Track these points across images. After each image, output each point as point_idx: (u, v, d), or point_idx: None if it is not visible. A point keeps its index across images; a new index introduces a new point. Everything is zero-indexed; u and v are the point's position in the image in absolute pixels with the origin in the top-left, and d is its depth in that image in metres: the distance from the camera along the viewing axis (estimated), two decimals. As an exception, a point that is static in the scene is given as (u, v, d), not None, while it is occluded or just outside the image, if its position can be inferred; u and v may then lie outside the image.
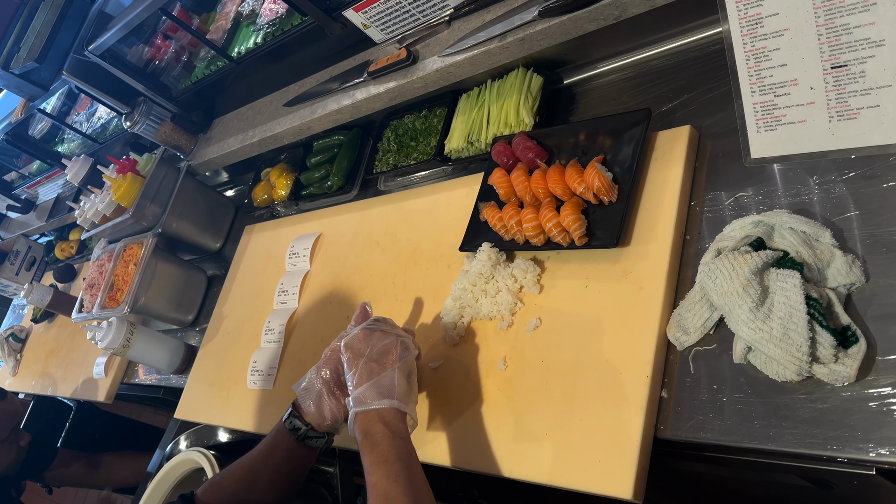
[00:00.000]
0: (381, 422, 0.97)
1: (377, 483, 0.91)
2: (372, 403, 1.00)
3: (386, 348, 1.07)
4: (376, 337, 1.08)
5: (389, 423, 0.97)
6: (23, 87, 2.16)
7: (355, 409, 1.00)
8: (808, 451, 0.82)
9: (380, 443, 0.95)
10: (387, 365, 1.05)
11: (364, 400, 1.00)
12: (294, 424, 1.14)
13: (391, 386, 1.02)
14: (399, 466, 0.92)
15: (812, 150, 0.93)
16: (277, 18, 1.67)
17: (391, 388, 1.02)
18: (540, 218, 1.14)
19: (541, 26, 1.22)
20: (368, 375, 1.03)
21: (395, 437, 0.96)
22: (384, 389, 1.01)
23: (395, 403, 1.00)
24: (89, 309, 2.03)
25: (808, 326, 0.80)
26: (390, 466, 0.91)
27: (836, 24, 0.86)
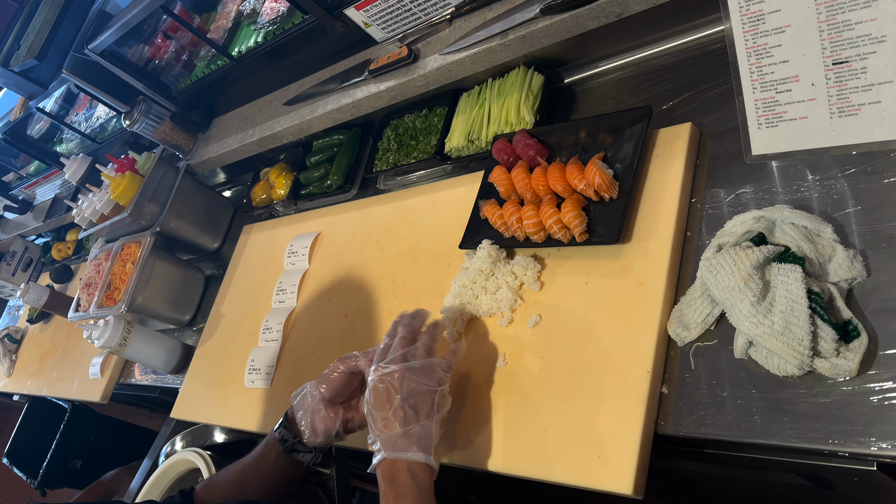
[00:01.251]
0: (410, 473, 0.94)
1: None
2: (405, 453, 0.95)
3: (425, 397, 1.00)
4: (415, 380, 1.01)
5: (417, 477, 0.94)
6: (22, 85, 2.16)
7: (385, 454, 0.96)
8: (809, 445, 0.81)
9: (406, 496, 0.92)
10: (422, 414, 0.99)
11: (396, 447, 0.96)
12: (283, 435, 1.13)
13: (427, 438, 0.97)
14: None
15: (813, 147, 0.93)
16: (278, 17, 1.67)
17: (427, 440, 0.97)
18: (540, 215, 1.14)
19: (542, 24, 1.22)
20: (403, 421, 0.97)
21: (421, 493, 0.92)
22: (419, 441, 0.96)
23: (430, 459, 0.96)
24: (86, 308, 2.02)
25: (809, 320, 0.80)
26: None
27: (837, 20, 0.86)
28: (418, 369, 1.02)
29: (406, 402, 0.98)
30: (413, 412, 0.98)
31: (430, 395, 1.01)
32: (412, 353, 1.04)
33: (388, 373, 1.01)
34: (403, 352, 1.04)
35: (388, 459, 0.96)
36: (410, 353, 1.04)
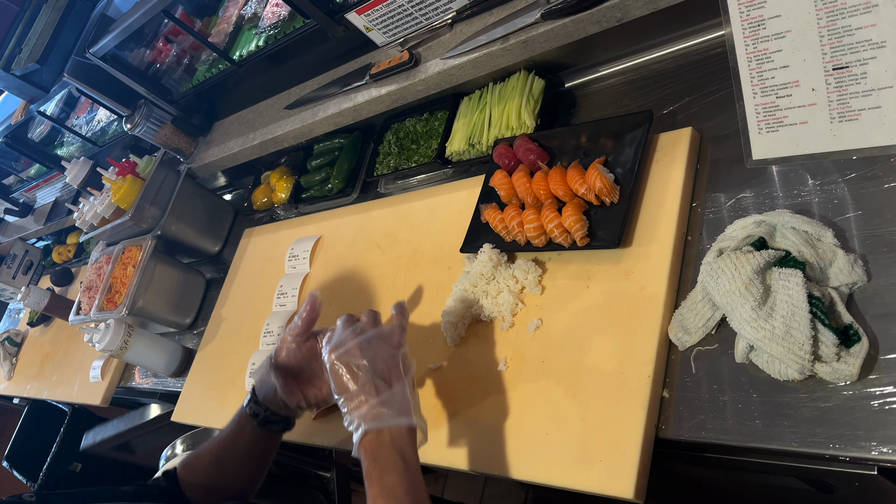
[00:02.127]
0: (394, 447, 0.90)
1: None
2: (387, 420, 0.92)
3: (389, 363, 0.98)
4: (374, 348, 0.99)
5: (402, 450, 0.90)
6: (24, 88, 2.16)
7: (366, 426, 0.92)
8: (809, 450, 0.81)
9: (390, 472, 0.88)
10: (393, 380, 0.96)
11: (377, 417, 0.92)
12: (253, 409, 1.13)
13: (405, 401, 0.94)
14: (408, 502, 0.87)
15: (813, 152, 0.93)
16: (279, 21, 1.68)
17: (405, 403, 0.94)
18: (541, 219, 1.15)
19: (543, 29, 1.23)
20: (377, 393, 0.94)
21: (407, 467, 0.89)
22: (398, 406, 0.93)
23: (413, 421, 0.93)
24: (87, 311, 2.02)
25: (810, 325, 0.80)
26: (400, 501, 0.86)
27: (837, 25, 0.87)
28: (373, 338, 1.00)
29: (373, 374, 0.96)
30: (382, 382, 0.95)
31: (393, 359, 0.98)
32: (360, 328, 1.01)
33: (345, 350, 0.98)
34: (351, 328, 1.01)
35: (371, 433, 0.92)
36: (358, 328, 1.01)
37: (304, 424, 1.39)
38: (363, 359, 0.97)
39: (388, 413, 0.93)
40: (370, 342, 0.99)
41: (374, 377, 0.95)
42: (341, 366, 0.97)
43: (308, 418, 1.38)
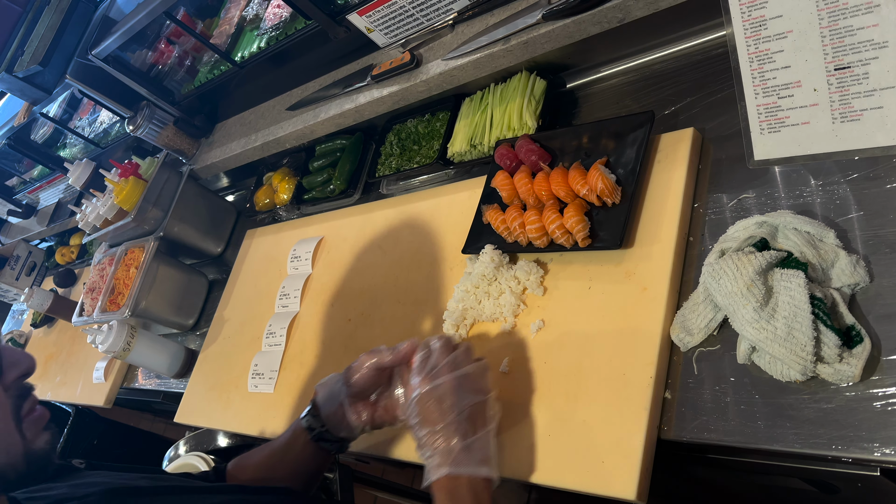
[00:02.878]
0: (471, 490, 0.90)
1: None
2: (467, 468, 0.91)
3: (478, 407, 0.96)
4: (466, 390, 0.96)
5: (479, 495, 0.90)
6: (26, 90, 2.17)
7: (447, 471, 0.91)
8: (812, 451, 0.81)
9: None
10: (478, 426, 0.94)
11: (458, 462, 0.91)
12: (310, 423, 1.11)
13: (487, 451, 0.93)
14: None
15: (815, 152, 0.93)
16: (281, 23, 1.68)
17: (487, 453, 0.93)
18: (543, 220, 1.15)
19: (544, 29, 1.23)
20: (462, 436, 0.92)
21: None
22: (480, 455, 0.92)
23: (493, 474, 0.92)
24: (90, 312, 2.03)
25: (812, 326, 0.80)
26: None
27: (839, 26, 0.86)
28: (470, 376, 0.97)
29: (461, 415, 0.94)
30: (470, 425, 0.94)
31: (482, 404, 0.97)
32: (456, 361, 0.99)
33: (439, 384, 0.96)
34: (450, 359, 0.99)
35: (448, 476, 0.91)
36: (454, 362, 0.98)
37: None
38: (455, 396, 0.95)
39: (469, 460, 0.91)
40: (465, 380, 0.97)
41: (462, 419, 0.93)
42: (432, 399, 0.95)
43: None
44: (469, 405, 0.95)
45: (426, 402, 0.95)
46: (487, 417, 0.96)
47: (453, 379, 0.96)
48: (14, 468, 0.74)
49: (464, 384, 0.96)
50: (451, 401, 0.94)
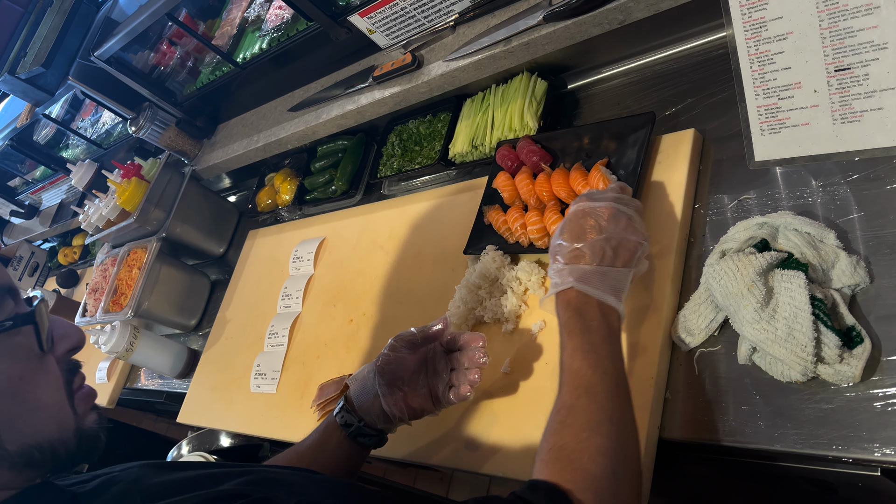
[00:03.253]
0: (600, 310, 0.85)
1: (580, 370, 0.79)
2: (596, 290, 0.86)
3: (629, 244, 0.90)
4: (623, 225, 0.91)
5: (608, 317, 0.85)
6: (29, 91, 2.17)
7: (575, 284, 0.86)
8: (812, 451, 0.82)
9: (594, 330, 0.83)
10: (620, 260, 0.89)
11: (589, 282, 0.86)
12: (346, 420, 1.04)
13: (621, 285, 0.88)
14: (609, 364, 0.80)
15: (816, 153, 0.93)
16: (283, 24, 1.68)
17: (621, 287, 0.88)
18: (544, 220, 1.15)
19: (545, 31, 1.23)
20: (601, 258, 0.88)
21: (611, 333, 0.84)
22: (615, 284, 0.87)
23: (620, 307, 0.87)
24: (93, 313, 2.04)
25: (812, 327, 0.80)
26: (601, 360, 0.80)
27: (839, 27, 0.87)
28: (629, 215, 0.92)
29: (608, 242, 0.89)
30: (612, 254, 0.89)
31: (635, 244, 0.91)
32: (626, 201, 0.95)
33: (597, 206, 0.92)
34: (616, 195, 0.95)
35: (576, 290, 0.86)
36: (624, 200, 0.94)
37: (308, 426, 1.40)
38: (610, 223, 0.91)
39: (601, 284, 0.87)
40: (623, 216, 0.92)
41: (608, 246, 0.89)
42: (586, 217, 0.92)
43: (313, 420, 1.38)
44: (621, 238, 0.90)
45: (579, 218, 0.92)
46: (634, 259, 0.91)
47: (614, 208, 0.92)
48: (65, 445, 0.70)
49: (622, 218, 0.92)
50: (604, 225, 0.90)
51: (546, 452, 0.75)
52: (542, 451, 0.76)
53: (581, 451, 0.73)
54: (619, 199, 0.94)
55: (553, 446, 0.75)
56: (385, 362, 1.04)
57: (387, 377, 1.03)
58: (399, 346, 1.04)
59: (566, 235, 0.91)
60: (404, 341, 1.04)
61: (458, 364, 1.04)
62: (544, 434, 0.78)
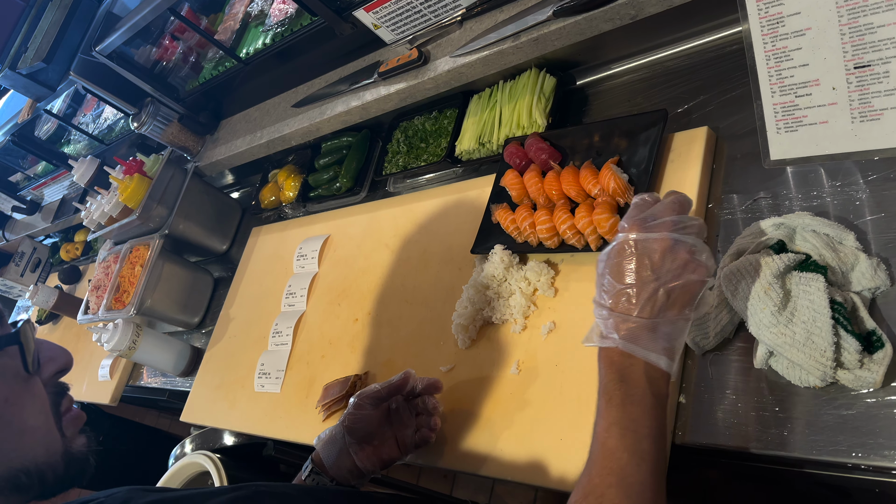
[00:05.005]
0: (646, 376, 0.73)
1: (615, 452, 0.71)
2: (645, 351, 0.74)
3: (689, 287, 0.75)
4: (682, 260, 0.75)
5: (654, 383, 0.73)
6: (30, 87, 2.16)
7: (620, 345, 0.74)
8: (831, 458, 0.80)
9: (637, 402, 0.72)
10: (678, 306, 0.74)
11: (636, 339, 0.74)
12: (318, 482, 1.06)
13: (677, 342, 0.75)
14: (649, 446, 0.71)
15: (834, 152, 0.91)
16: (286, 19, 1.66)
17: (674, 343, 0.75)
18: (554, 220, 1.13)
19: (555, 26, 1.21)
20: (652, 309, 0.74)
21: (656, 404, 0.73)
22: (668, 340, 0.74)
23: (673, 368, 0.75)
24: (95, 310, 2.02)
25: (832, 331, 0.78)
26: (640, 441, 0.70)
27: (859, 23, 0.85)
28: (690, 247, 0.75)
29: (662, 284, 0.74)
30: (666, 299, 0.74)
31: (697, 285, 0.75)
32: (685, 225, 0.77)
33: (653, 237, 0.75)
34: (676, 218, 0.77)
35: (620, 350, 0.75)
36: (683, 225, 0.76)
37: (313, 427, 1.38)
38: (665, 260, 0.75)
39: (650, 341, 0.74)
40: (683, 248, 0.75)
41: (662, 290, 0.74)
42: (635, 251, 0.76)
43: (318, 420, 1.37)
44: (677, 278, 0.74)
45: (626, 251, 0.76)
46: (693, 304, 0.75)
47: (671, 238, 0.75)
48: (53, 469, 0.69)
49: (681, 252, 0.75)
50: (659, 262, 0.75)
51: None
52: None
53: None
54: (677, 225, 0.76)
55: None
56: (352, 421, 1.06)
57: (356, 435, 1.06)
58: (364, 404, 1.06)
59: (607, 271, 0.78)
60: (369, 398, 1.07)
61: (423, 408, 1.11)
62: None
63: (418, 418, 1.11)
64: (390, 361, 1.34)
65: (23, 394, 0.68)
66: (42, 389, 0.71)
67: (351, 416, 1.06)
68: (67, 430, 0.73)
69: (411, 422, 1.11)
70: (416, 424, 1.11)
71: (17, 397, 0.67)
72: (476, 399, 1.14)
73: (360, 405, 1.06)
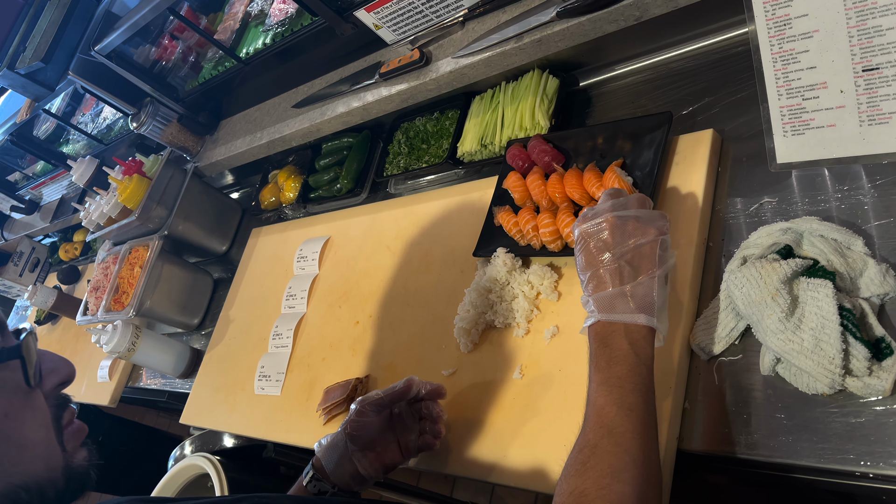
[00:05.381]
0: (627, 339, 0.81)
1: (604, 408, 0.77)
2: (622, 315, 0.82)
3: (643, 250, 0.84)
4: (630, 230, 0.85)
5: (636, 343, 0.80)
6: (28, 87, 2.14)
7: (599, 317, 0.83)
8: (840, 467, 0.79)
9: (620, 362, 0.79)
10: (642, 269, 0.83)
11: (613, 307, 0.82)
12: (320, 488, 1.06)
13: (648, 298, 0.82)
14: (635, 399, 0.77)
15: (841, 156, 0.91)
16: (287, 18, 1.65)
17: (648, 301, 0.82)
18: (557, 223, 1.12)
19: (559, 27, 1.20)
20: (620, 279, 0.83)
21: (639, 362, 0.79)
22: (639, 301, 0.82)
23: (652, 322, 0.81)
24: (94, 312, 2.01)
25: (840, 338, 0.77)
26: (626, 396, 0.77)
27: (867, 25, 0.84)
28: (631, 218, 0.86)
29: (621, 256, 0.84)
30: (630, 268, 0.83)
31: (649, 245, 0.84)
32: (622, 203, 0.88)
33: (595, 224, 0.87)
34: (612, 202, 0.88)
35: (601, 322, 0.83)
36: (620, 204, 0.88)
37: (314, 430, 1.37)
38: (615, 236, 0.85)
39: (625, 306, 0.82)
40: (627, 221, 0.86)
41: (624, 261, 0.84)
42: (588, 238, 0.87)
43: (318, 423, 1.36)
44: (633, 246, 0.84)
45: (585, 241, 0.87)
46: (654, 262, 0.84)
47: (614, 217, 0.86)
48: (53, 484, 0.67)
49: (628, 224, 0.85)
50: (610, 240, 0.85)
51: (566, 496, 0.73)
52: (562, 492, 0.74)
53: (602, 500, 0.71)
54: (614, 206, 0.87)
55: (574, 490, 0.73)
56: (354, 428, 1.05)
57: (359, 442, 1.06)
58: (366, 411, 1.05)
59: (581, 265, 0.88)
60: (371, 405, 1.05)
61: (427, 414, 1.10)
62: (564, 473, 0.76)
63: (421, 423, 1.11)
64: (392, 365, 1.33)
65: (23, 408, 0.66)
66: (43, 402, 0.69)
67: (353, 423, 1.05)
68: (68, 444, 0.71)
69: (414, 426, 1.11)
70: (420, 429, 1.10)
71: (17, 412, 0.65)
72: (479, 404, 1.13)
73: (363, 412, 1.05)
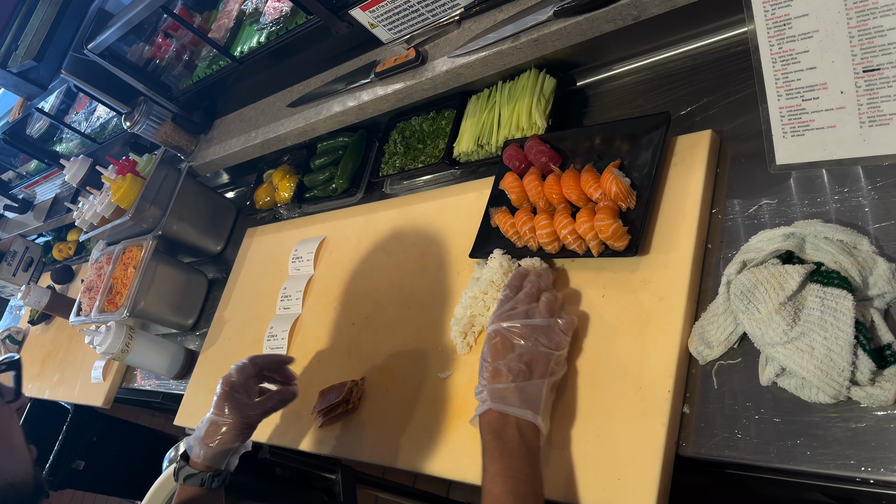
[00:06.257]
0: (519, 431, 0.91)
1: (499, 497, 0.86)
2: (513, 408, 0.93)
3: (540, 357, 0.98)
4: (534, 339, 0.99)
5: (526, 436, 0.91)
6: (21, 85, 2.12)
7: (492, 405, 0.93)
8: (840, 472, 0.78)
9: (514, 453, 0.89)
10: (535, 374, 0.96)
11: (505, 400, 0.93)
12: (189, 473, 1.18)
13: (537, 399, 0.94)
14: (528, 489, 0.87)
15: (841, 157, 0.90)
16: (281, 17, 1.63)
17: (537, 400, 0.94)
18: (554, 224, 1.11)
19: (556, 27, 1.18)
20: (515, 376, 0.95)
21: (529, 453, 0.90)
22: (529, 398, 0.94)
23: (537, 419, 0.92)
24: (87, 312, 1.99)
25: (852, 350, 0.76)
26: (520, 485, 0.87)
27: (868, 26, 0.83)
28: (539, 327, 0.99)
29: (521, 359, 0.96)
30: (526, 369, 0.96)
31: (546, 356, 0.98)
32: (534, 311, 1.02)
33: (508, 328, 1.00)
34: (526, 308, 1.02)
35: (495, 412, 0.93)
36: (533, 311, 1.02)
37: (309, 432, 1.36)
38: (521, 340, 0.99)
39: (517, 400, 0.93)
40: (535, 330, 0.99)
41: (522, 362, 0.96)
42: (498, 337, 0.99)
43: (314, 425, 1.35)
44: (532, 352, 0.97)
45: (493, 338, 1.00)
46: (548, 370, 0.97)
47: (524, 325, 0.99)
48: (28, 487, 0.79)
49: (534, 332, 0.99)
50: (515, 343, 0.98)
51: None
52: None
53: None
54: (529, 311, 1.01)
55: None
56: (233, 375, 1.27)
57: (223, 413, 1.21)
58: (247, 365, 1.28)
59: (487, 356, 0.99)
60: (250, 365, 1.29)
61: None
62: None
63: None
64: (387, 366, 1.32)
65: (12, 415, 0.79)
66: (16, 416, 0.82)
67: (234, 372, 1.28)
68: None
69: None
70: None
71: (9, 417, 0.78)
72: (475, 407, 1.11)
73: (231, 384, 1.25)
